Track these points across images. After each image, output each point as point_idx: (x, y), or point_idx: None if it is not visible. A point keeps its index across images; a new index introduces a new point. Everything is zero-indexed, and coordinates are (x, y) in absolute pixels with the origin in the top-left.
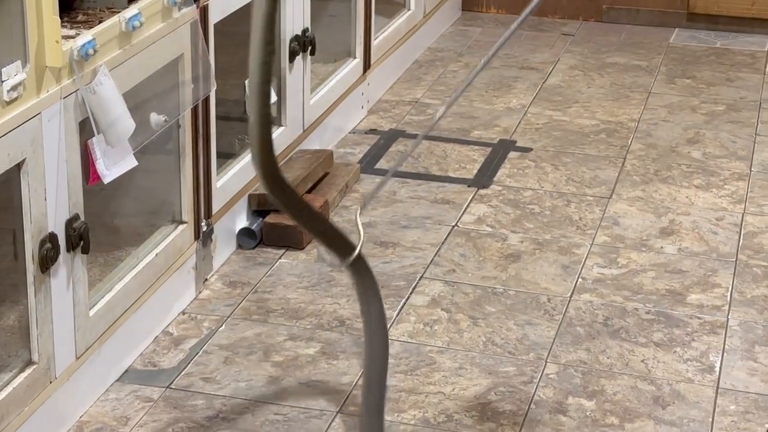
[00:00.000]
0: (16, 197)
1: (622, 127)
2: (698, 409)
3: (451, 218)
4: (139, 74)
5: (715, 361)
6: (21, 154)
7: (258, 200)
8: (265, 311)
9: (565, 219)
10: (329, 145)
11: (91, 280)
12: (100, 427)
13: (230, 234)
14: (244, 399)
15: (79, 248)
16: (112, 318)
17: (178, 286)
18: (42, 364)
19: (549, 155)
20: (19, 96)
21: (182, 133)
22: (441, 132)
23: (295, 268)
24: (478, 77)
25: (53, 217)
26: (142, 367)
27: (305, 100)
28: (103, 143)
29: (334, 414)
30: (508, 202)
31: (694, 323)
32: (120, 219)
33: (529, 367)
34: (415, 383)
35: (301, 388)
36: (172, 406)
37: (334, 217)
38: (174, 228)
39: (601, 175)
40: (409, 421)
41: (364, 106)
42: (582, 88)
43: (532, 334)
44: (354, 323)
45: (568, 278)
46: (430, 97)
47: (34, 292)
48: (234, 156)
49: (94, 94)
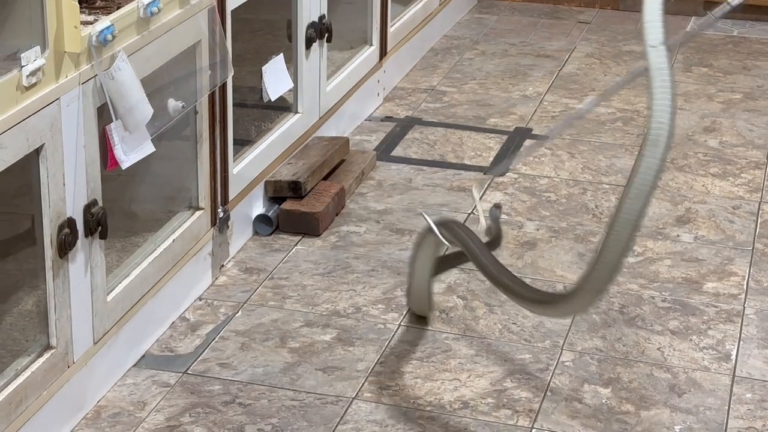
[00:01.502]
0: (35, 182)
1: (639, 116)
2: (714, 397)
3: (467, 206)
4: (157, 60)
5: (732, 350)
6: (40, 139)
7: (274, 187)
8: (281, 297)
9: (581, 207)
10: (345, 132)
11: (109, 266)
12: (118, 411)
13: (247, 220)
14: (261, 384)
15: (97, 233)
16: (129, 303)
17: (194, 272)
18: (60, 348)
19: (565, 143)
20: (38, 81)
21: (199, 120)
22: (457, 120)
23: (311, 254)
24: (494, 65)
25: (71, 202)
26: (159, 352)
27: (321, 87)
28: (121, 129)
29: (350, 400)
30: (524, 189)
31: (711, 311)
32: (137, 205)
33: (544, 354)
34: (430, 370)
35: (317, 374)
36: (188, 391)
37: (350, 204)
38: (191, 214)
39: (618, 163)
40: (425, 407)
41: (380, 94)
42: (598, 76)
43: (547, 321)
44: (370, 310)
45: (583, 266)
46: (446, 85)
47: (53, 277)
48: (250, 143)
49: (113, 80)
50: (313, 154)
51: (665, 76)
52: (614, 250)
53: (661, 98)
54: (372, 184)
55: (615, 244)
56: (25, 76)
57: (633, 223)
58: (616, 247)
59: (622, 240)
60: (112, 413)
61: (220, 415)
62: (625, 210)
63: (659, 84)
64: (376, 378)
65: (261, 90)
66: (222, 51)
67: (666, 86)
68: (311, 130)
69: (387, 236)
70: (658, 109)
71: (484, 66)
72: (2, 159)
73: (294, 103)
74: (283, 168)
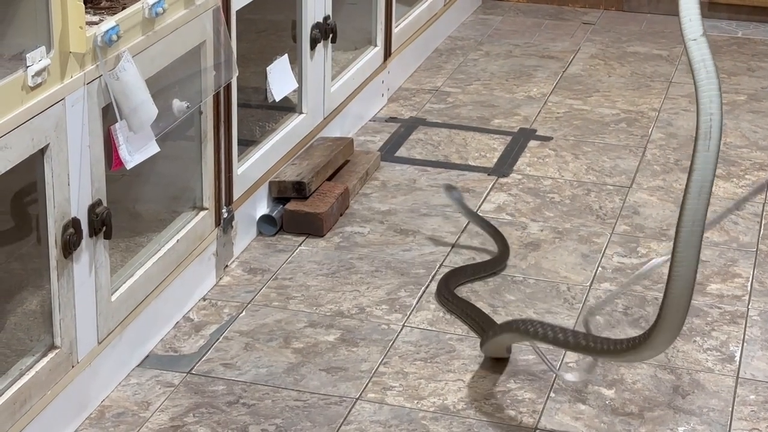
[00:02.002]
0: (39, 182)
1: (643, 117)
2: (718, 398)
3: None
4: (161, 60)
5: (735, 351)
6: (45, 139)
7: (278, 187)
8: (285, 298)
9: (585, 208)
10: (349, 133)
11: (113, 266)
12: (122, 411)
13: (251, 221)
14: (264, 385)
15: (101, 233)
16: (133, 303)
17: (198, 273)
18: (64, 348)
19: (569, 144)
20: (44, 81)
21: (204, 120)
22: (461, 120)
23: (315, 255)
24: (498, 65)
25: (76, 202)
26: (163, 352)
27: (326, 88)
28: (126, 129)
29: (353, 401)
30: (528, 190)
31: (714, 313)
32: (141, 205)
33: (548, 355)
34: (434, 370)
35: (321, 374)
36: (192, 392)
37: (354, 204)
38: (195, 214)
39: (622, 164)
40: (428, 408)
41: (385, 94)
42: (603, 77)
43: (551, 322)
44: (373, 310)
45: (587, 267)
46: (450, 86)
47: (57, 276)
48: (255, 143)
49: (118, 80)
50: (317, 155)
51: (710, 67)
52: (687, 255)
53: (707, 90)
54: (376, 185)
55: (687, 248)
56: (30, 77)
57: (700, 223)
58: (689, 252)
59: (694, 240)
60: (116, 413)
61: (224, 416)
62: (689, 209)
63: (704, 76)
64: (379, 378)
65: (265, 90)
66: (227, 51)
67: (711, 78)
68: (315, 131)
69: (391, 237)
70: (705, 101)
71: (488, 67)
72: (7, 159)
73: (298, 104)
74: (287, 168)
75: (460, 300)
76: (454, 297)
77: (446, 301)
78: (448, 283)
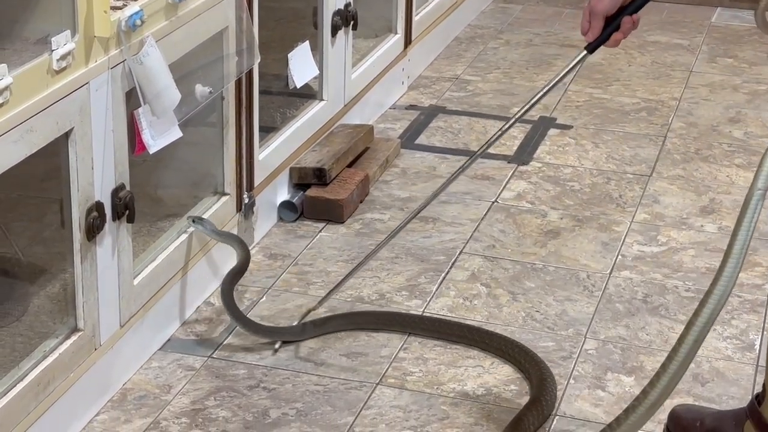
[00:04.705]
0: (63, 166)
1: (663, 106)
2: (737, 386)
3: (491, 194)
4: (184, 46)
5: (755, 340)
6: (69, 123)
7: (299, 173)
8: (305, 283)
9: (605, 196)
10: (369, 120)
11: (135, 250)
12: (144, 394)
13: (271, 207)
14: (285, 369)
15: (124, 217)
16: (155, 287)
17: (220, 258)
18: (87, 331)
19: (589, 133)
20: (68, 65)
21: (226, 106)
22: (481, 108)
23: (336, 241)
24: (519, 54)
25: (100, 186)
26: (184, 336)
27: (346, 75)
28: (149, 114)
29: (374, 386)
30: (548, 178)
31: (734, 301)
32: (163, 190)
33: (568, 342)
34: (454, 356)
35: (341, 359)
36: (213, 375)
37: (374, 191)
38: (216, 200)
39: (642, 153)
40: (449, 393)
41: (405, 82)
42: (623, 66)
43: (571, 310)
44: (393, 297)
45: (607, 255)
46: (470, 74)
47: (81, 260)
48: (275, 130)
49: (141, 65)
50: (337, 142)
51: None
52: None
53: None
54: (396, 172)
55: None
56: (55, 60)
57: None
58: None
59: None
60: (138, 396)
61: (244, 399)
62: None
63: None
64: (399, 364)
65: (286, 77)
66: (249, 37)
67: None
68: (336, 118)
69: (411, 224)
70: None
71: (508, 55)
72: (32, 142)
73: (319, 91)
74: (307, 155)
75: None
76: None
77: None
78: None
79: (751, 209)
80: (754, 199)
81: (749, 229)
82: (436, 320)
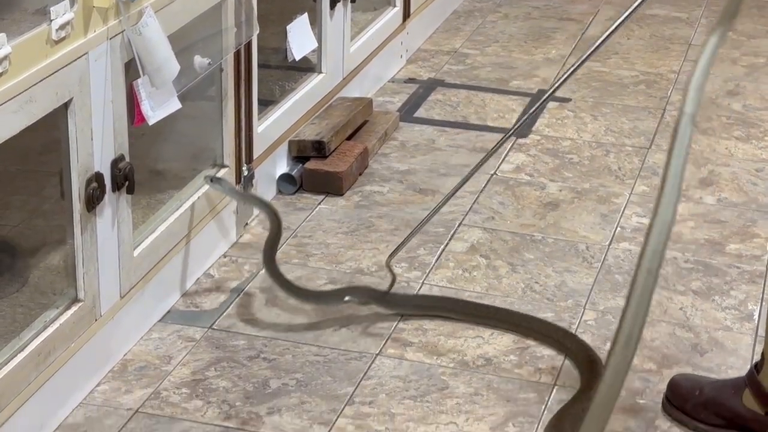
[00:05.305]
0: (63, 137)
1: (662, 79)
2: (736, 356)
3: (490, 167)
4: (183, 17)
5: (754, 310)
6: (68, 93)
7: (298, 146)
8: (305, 255)
9: (604, 169)
10: (368, 94)
11: (135, 222)
12: (144, 365)
13: (270, 179)
14: (285, 340)
15: (124, 188)
16: (155, 258)
17: (219, 230)
18: (88, 302)
19: (588, 105)
20: (67, 36)
21: (225, 78)
22: (480, 82)
23: (335, 213)
24: (517, 27)
25: (99, 157)
26: (184, 307)
27: (345, 48)
28: (148, 85)
29: (373, 356)
30: (547, 151)
31: (733, 272)
32: (162, 163)
33: (567, 313)
34: (454, 327)
35: (341, 330)
36: (214, 346)
37: (373, 164)
38: (216, 172)
39: (641, 125)
40: (448, 364)
41: (403, 56)
42: (621, 39)
43: (570, 281)
44: (393, 268)
45: (606, 227)
46: (469, 47)
47: (81, 231)
48: (274, 103)
49: (140, 36)
50: (336, 115)
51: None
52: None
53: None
54: (395, 145)
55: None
56: (54, 30)
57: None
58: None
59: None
60: (138, 366)
61: (244, 370)
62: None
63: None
64: (399, 335)
65: (285, 50)
66: (248, 9)
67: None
68: (335, 91)
69: (410, 196)
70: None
71: (507, 29)
72: (32, 112)
73: (318, 64)
74: (306, 128)
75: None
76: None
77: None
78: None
79: (680, 135)
80: (682, 123)
81: (681, 156)
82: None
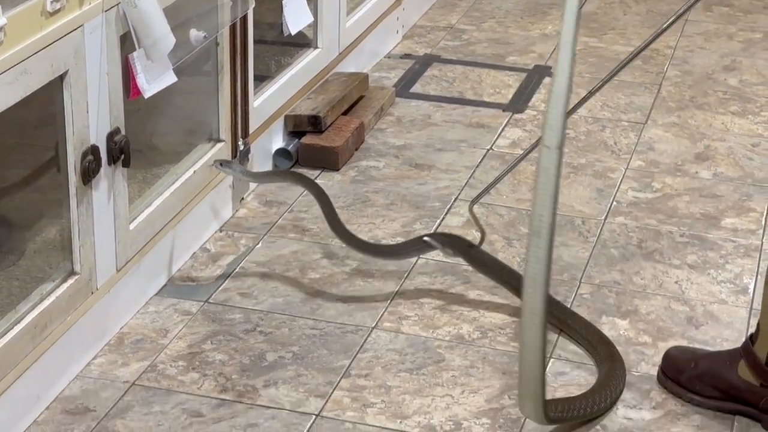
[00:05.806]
0: (59, 110)
1: (658, 54)
2: (731, 329)
3: (486, 142)
4: None
5: (749, 284)
6: (64, 65)
7: (294, 121)
8: (301, 230)
9: (600, 144)
10: (364, 69)
11: (131, 196)
12: (140, 338)
13: (266, 154)
14: (281, 314)
15: (120, 161)
16: (151, 232)
17: (215, 204)
18: (84, 275)
19: (584, 81)
20: (62, 7)
21: (220, 51)
22: (476, 57)
23: (331, 188)
24: (513, 3)
25: (95, 129)
26: (180, 281)
27: (341, 23)
28: (144, 58)
29: (369, 329)
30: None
31: (729, 246)
32: (158, 138)
33: (563, 287)
34: (449, 300)
35: (337, 304)
36: (210, 320)
37: (369, 139)
38: (211, 146)
39: (637, 101)
40: (444, 337)
41: (399, 31)
42: (618, 15)
43: (566, 255)
44: (389, 242)
45: (602, 201)
46: (465, 23)
47: (77, 203)
48: (270, 77)
49: (135, 8)
50: (332, 90)
51: (551, 176)
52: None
53: (542, 194)
54: (391, 120)
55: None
56: (49, 2)
57: (539, 312)
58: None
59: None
60: (135, 340)
61: (241, 343)
62: (527, 302)
63: (543, 181)
64: (395, 309)
65: (281, 25)
66: None
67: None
68: (331, 66)
69: (406, 171)
70: (539, 203)
71: (503, 4)
72: (27, 84)
73: (314, 39)
74: (302, 103)
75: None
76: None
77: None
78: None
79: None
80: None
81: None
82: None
